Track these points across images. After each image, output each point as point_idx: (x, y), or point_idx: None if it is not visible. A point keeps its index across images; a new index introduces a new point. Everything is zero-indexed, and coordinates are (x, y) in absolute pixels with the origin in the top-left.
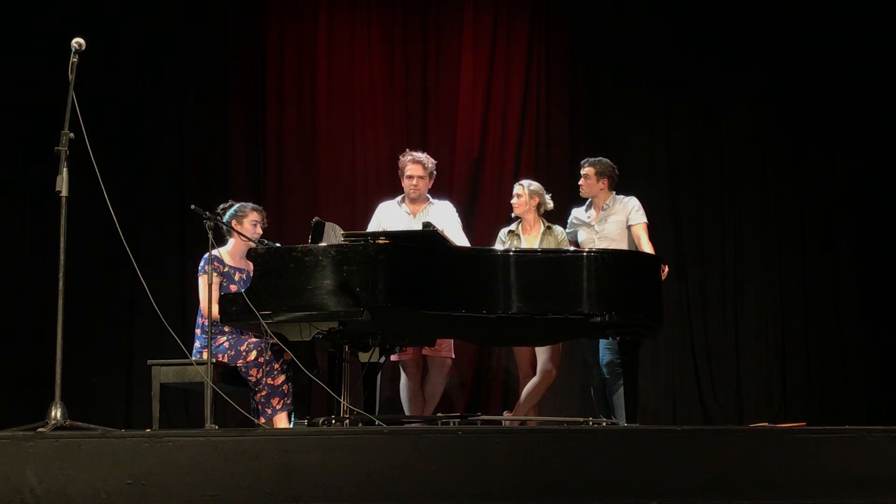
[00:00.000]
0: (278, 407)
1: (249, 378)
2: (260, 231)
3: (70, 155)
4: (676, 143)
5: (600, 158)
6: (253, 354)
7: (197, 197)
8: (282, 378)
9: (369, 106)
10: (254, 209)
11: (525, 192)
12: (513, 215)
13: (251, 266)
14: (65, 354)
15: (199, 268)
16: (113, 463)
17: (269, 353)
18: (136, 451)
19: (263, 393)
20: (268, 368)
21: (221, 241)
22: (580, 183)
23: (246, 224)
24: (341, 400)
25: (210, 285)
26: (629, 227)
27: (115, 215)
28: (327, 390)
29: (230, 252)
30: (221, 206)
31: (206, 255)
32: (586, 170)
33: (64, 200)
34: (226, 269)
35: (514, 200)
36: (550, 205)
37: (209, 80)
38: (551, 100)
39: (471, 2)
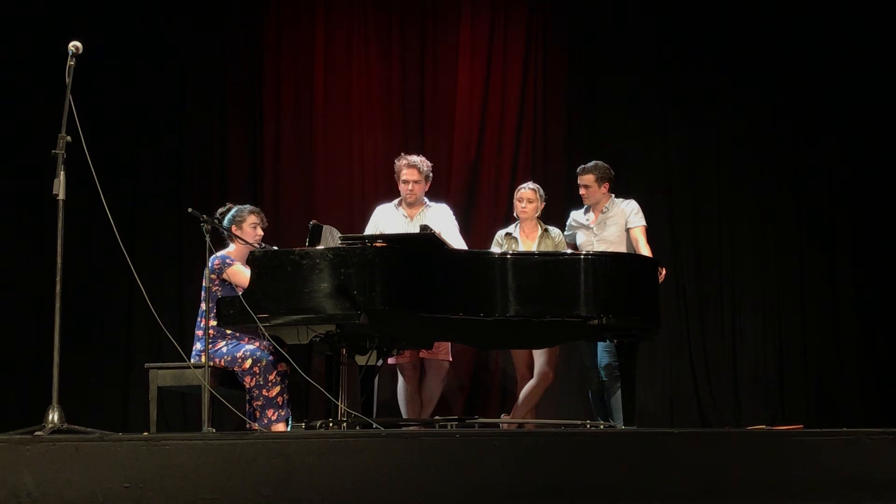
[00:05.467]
0: (273, 418)
1: (245, 384)
2: (260, 233)
3: (67, 158)
4: (673, 145)
5: (595, 163)
6: (248, 363)
7: (195, 200)
8: (276, 389)
9: (366, 109)
10: (252, 212)
11: (536, 198)
12: (516, 215)
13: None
14: (62, 358)
15: (223, 262)
16: (110, 466)
17: (265, 361)
18: (134, 454)
19: (259, 403)
20: (262, 379)
21: (220, 244)
22: (582, 192)
23: (245, 228)
24: (339, 403)
25: (208, 289)
26: (628, 230)
27: (113, 218)
28: (325, 393)
29: (233, 255)
30: (220, 210)
31: (222, 254)
32: (586, 178)
33: (61, 204)
34: None
35: (522, 205)
36: (544, 203)
37: (206, 85)
38: (548, 103)
39: (468, 5)
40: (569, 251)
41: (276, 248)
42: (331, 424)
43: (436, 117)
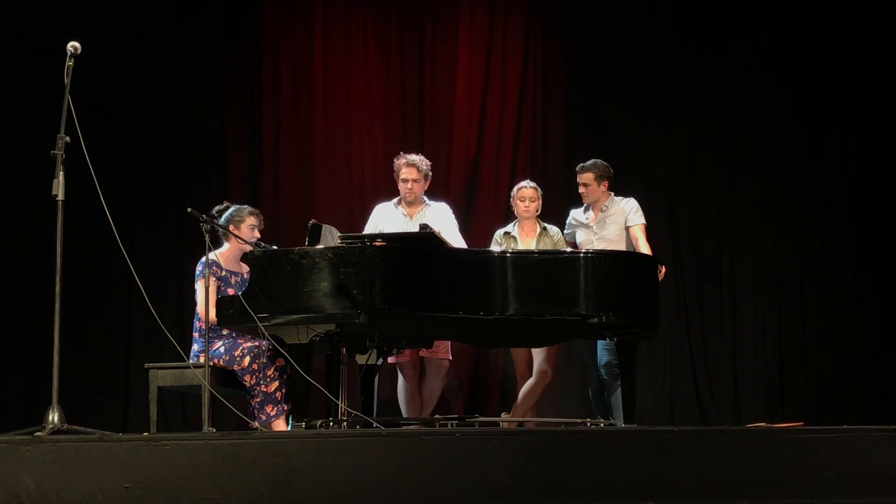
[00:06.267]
0: (272, 414)
1: (245, 383)
2: (257, 235)
3: (66, 158)
4: (673, 143)
5: (595, 161)
6: (246, 360)
7: (193, 200)
8: (275, 385)
9: (365, 108)
10: (251, 213)
11: (537, 197)
12: (516, 214)
13: (244, 268)
14: (62, 358)
15: (197, 273)
16: (110, 467)
17: (263, 358)
18: (134, 454)
19: (258, 399)
20: (261, 375)
21: (217, 243)
22: (581, 191)
23: (243, 229)
24: (339, 402)
25: (207, 288)
26: (627, 229)
27: (112, 219)
28: (325, 393)
29: (225, 255)
30: (217, 207)
31: (203, 260)
32: (585, 176)
33: (60, 204)
34: (223, 274)
35: (525, 205)
36: (541, 201)
37: (205, 84)
38: (547, 100)
39: (466, 4)
40: (568, 249)
41: (275, 247)
42: (331, 424)
43: (435, 115)
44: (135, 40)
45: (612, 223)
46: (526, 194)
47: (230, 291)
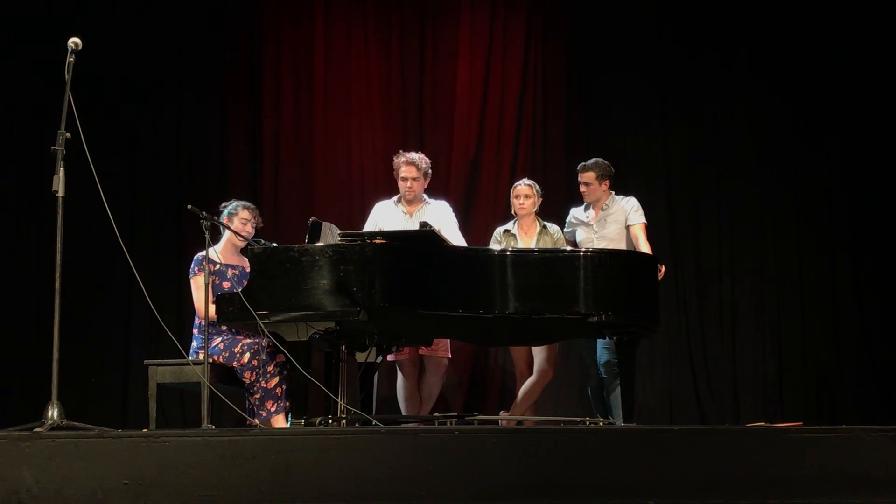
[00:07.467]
0: (272, 410)
1: (244, 380)
2: (250, 229)
3: (66, 154)
4: (673, 142)
5: (596, 160)
6: (246, 357)
7: (193, 197)
8: (275, 381)
9: (366, 105)
10: (245, 207)
11: (534, 195)
12: (514, 212)
13: (244, 261)
14: (61, 354)
15: (191, 269)
16: (109, 463)
17: (263, 354)
18: (133, 451)
19: (257, 396)
20: (261, 371)
21: (216, 239)
22: (583, 190)
23: (236, 222)
24: (338, 400)
25: (207, 285)
26: (628, 227)
27: (112, 215)
28: (324, 390)
29: (221, 250)
30: (223, 203)
31: (197, 257)
32: (587, 175)
33: (60, 200)
34: (217, 267)
35: (520, 202)
36: (541, 199)
37: (206, 80)
38: (548, 99)
39: (467, 2)
40: (568, 248)
41: (275, 244)
42: (330, 421)
43: (435, 114)
44: (136, 36)
45: (613, 222)
46: (521, 191)
47: (226, 285)
